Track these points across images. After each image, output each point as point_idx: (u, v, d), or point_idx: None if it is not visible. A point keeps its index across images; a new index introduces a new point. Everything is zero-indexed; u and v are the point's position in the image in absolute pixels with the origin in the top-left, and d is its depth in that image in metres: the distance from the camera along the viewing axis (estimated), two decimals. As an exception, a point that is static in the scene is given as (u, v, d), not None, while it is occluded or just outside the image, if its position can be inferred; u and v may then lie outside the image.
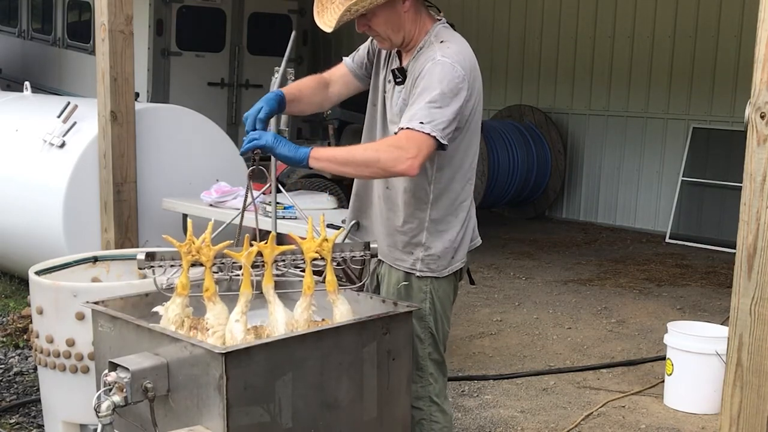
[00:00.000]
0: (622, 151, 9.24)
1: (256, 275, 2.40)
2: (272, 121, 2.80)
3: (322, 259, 2.43)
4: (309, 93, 2.85)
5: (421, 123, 2.43)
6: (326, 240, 2.43)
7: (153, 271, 2.43)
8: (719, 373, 3.23)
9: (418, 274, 2.69)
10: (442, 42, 2.57)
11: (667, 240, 8.43)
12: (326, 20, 2.55)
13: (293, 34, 3.00)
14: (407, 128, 2.44)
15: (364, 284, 2.67)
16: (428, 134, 2.43)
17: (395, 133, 2.50)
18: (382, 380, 2.41)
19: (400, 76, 2.65)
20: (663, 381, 4.46)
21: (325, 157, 2.45)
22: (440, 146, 2.48)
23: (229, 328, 2.31)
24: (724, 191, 8.06)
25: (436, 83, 2.47)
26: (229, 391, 2.04)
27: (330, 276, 2.43)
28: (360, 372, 2.35)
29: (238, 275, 2.42)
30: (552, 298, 6.31)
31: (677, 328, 4.37)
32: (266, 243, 2.38)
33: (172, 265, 2.42)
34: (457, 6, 10.18)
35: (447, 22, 2.70)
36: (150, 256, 2.43)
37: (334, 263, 2.48)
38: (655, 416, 4.21)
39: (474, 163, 2.74)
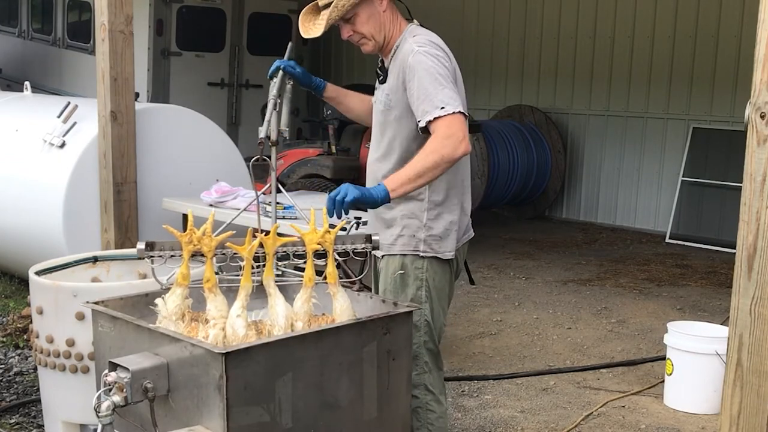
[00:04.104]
0: (622, 151, 9.24)
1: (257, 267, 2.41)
2: (273, 120, 2.80)
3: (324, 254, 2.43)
4: (347, 98, 3.11)
5: (441, 108, 2.60)
6: (328, 232, 2.42)
7: (152, 261, 2.42)
8: (719, 373, 3.23)
9: (421, 254, 2.79)
10: (414, 36, 2.75)
11: (667, 240, 8.43)
12: (314, 32, 2.78)
13: (290, 44, 3.04)
14: (436, 118, 2.60)
15: (362, 279, 2.69)
16: (454, 113, 2.61)
17: (424, 126, 2.64)
18: (382, 380, 2.41)
19: (382, 74, 2.84)
20: (663, 381, 4.46)
21: (399, 183, 2.59)
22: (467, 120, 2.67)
23: (230, 323, 2.30)
24: (724, 191, 8.06)
25: (426, 71, 2.65)
26: (229, 391, 2.04)
27: (331, 268, 2.43)
28: (360, 372, 2.35)
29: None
30: (552, 298, 6.31)
31: (677, 328, 4.37)
32: (268, 235, 2.38)
33: (172, 255, 2.41)
34: (458, 6, 10.19)
35: (423, 26, 2.86)
36: (150, 246, 2.42)
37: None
38: (655, 416, 4.21)
39: None
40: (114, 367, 2.17)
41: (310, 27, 2.78)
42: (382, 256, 2.86)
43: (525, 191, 9.24)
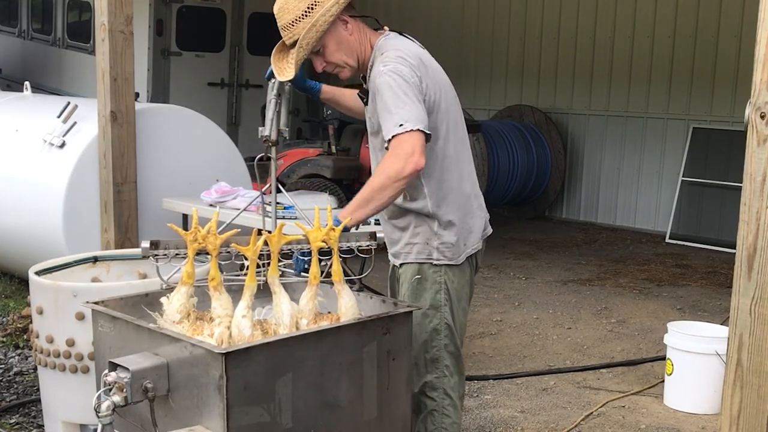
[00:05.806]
0: (622, 151, 9.24)
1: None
2: (273, 120, 2.81)
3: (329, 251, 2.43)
4: (344, 98, 3.09)
5: (400, 125, 2.54)
6: (333, 229, 2.42)
7: (157, 259, 2.42)
8: (719, 373, 3.23)
9: (435, 262, 2.77)
10: (382, 54, 2.69)
11: (667, 240, 8.43)
12: (287, 74, 2.70)
13: None
14: (392, 137, 2.55)
15: (362, 278, 2.69)
16: (411, 131, 2.53)
17: (386, 148, 2.61)
18: (382, 380, 2.41)
19: (365, 96, 2.80)
20: (663, 381, 4.46)
21: (350, 210, 2.53)
22: (427, 137, 2.58)
23: (236, 323, 2.30)
24: (724, 191, 8.06)
25: (390, 90, 2.59)
26: (229, 391, 2.04)
27: (336, 266, 2.42)
28: (360, 372, 2.35)
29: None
30: (552, 298, 6.31)
31: (677, 328, 4.37)
32: (272, 233, 2.38)
33: (177, 254, 2.41)
34: (458, 6, 10.18)
35: (393, 31, 2.80)
36: (154, 245, 2.42)
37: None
38: (655, 416, 4.21)
39: (458, 153, 2.80)
40: (114, 367, 2.17)
41: (284, 67, 2.71)
42: (401, 264, 2.85)
43: (525, 191, 9.24)
